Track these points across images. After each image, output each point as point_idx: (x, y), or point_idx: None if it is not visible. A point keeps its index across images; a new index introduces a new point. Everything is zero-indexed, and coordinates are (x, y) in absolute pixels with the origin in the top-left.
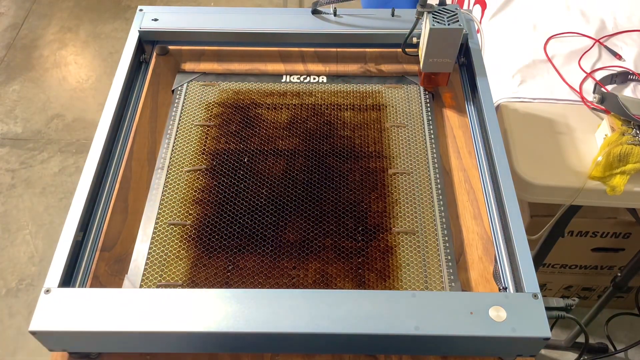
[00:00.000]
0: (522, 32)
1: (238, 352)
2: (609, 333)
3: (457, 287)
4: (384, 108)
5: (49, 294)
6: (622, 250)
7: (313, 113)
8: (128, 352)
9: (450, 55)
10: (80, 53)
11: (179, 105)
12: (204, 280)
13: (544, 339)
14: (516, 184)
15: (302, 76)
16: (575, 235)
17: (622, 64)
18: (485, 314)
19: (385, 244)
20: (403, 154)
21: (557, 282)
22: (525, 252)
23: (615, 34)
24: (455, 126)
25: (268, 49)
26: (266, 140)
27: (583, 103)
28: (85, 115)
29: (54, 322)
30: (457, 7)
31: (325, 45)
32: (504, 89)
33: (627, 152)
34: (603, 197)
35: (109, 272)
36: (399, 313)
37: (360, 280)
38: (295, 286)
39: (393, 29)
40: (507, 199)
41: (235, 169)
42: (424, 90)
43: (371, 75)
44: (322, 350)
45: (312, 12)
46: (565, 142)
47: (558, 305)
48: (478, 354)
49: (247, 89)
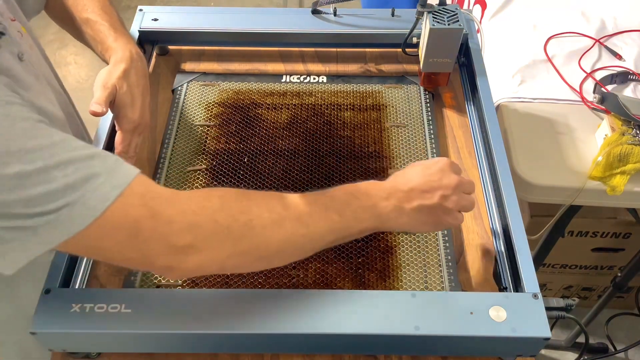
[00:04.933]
0: (522, 32)
1: (238, 352)
2: (609, 333)
3: (457, 287)
4: (384, 108)
5: (49, 294)
6: (622, 250)
7: (313, 113)
8: (128, 352)
9: (450, 55)
10: (80, 53)
11: (179, 105)
12: (204, 280)
13: (544, 339)
14: (516, 184)
15: (302, 76)
16: (575, 235)
17: (622, 64)
18: (486, 314)
19: (385, 244)
20: (403, 154)
21: (557, 282)
22: (525, 252)
23: (615, 34)
24: (455, 126)
25: (268, 49)
26: (266, 140)
27: (583, 103)
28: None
29: (54, 323)
30: (457, 7)
31: (325, 45)
32: (504, 89)
33: (627, 152)
34: (603, 197)
35: (109, 272)
36: (399, 313)
37: (360, 280)
38: (295, 286)
39: (393, 29)
40: (507, 199)
41: (235, 169)
42: (424, 90)
43: (371, 75)
44: (322, 350)
45: (312, 12)
46: (565, 142)
47: (558, 305)
48: (478, 354)
49: (247, 89)
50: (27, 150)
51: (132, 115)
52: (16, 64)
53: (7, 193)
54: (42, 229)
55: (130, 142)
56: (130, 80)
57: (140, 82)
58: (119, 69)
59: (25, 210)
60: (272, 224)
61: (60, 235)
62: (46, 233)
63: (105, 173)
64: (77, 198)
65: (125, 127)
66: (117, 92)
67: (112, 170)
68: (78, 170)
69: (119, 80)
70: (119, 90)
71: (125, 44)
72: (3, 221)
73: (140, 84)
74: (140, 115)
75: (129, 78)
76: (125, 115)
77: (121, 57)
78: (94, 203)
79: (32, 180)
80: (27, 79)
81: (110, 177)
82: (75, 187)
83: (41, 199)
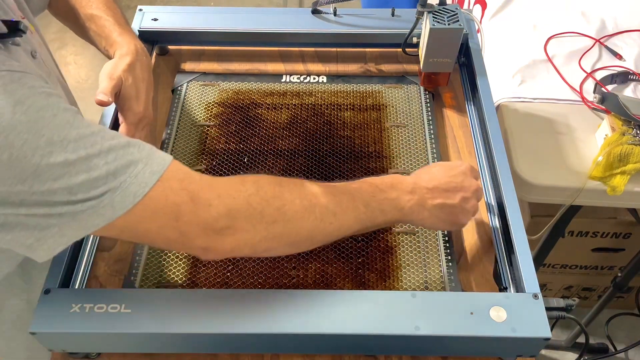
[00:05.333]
0: (523, 32)
1: (238, 352)
2: (609, 333)
3: (457, 287)
4: (384, 108)
5: (48, 294)
6: (622, 251)
7: (313, 113)
8: (128, 352)
9: (451, 55)
10: (80, 53)
11: (179, 105)
12: (204, 280)
13: (545, 339)
14: (516, 184)
15: (302, 76)
16: (575, 235)
17: (622, 64)
18: (486, 314)
19: (386, 244)
20: (403, 154)
21: (558, 283)
22: (525, 252)
23: (615, 33)
24: (455, 126)
25: (268, 49)
26: (266, 140)
27: (583, 103)
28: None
29: (54, 323)
30: (457, 7)
31: (325, 45)
32: (504, 89)
33: (627, 152)
34: (603, 197)
35: (109, 272)
36: (399, 313)
37: (360, 281)
38: (295, 286)
39: (393, 28)
40: (507, 199)
41: (235, 169)
42: (424, 90)
43: (371, 75)
44: (322, 350)
45: (312, 12)
46: (566, 142)
47: (558, 306)
48: (478, 354)
49: (247, 89)
50: (70, 140)
51: (137, 107)
52: (31, 62)
53: (52, 182)
54: (83, 214)
55: (134, 135)
56: (136, 73)
57: (145, 76)
58: (124, 62)
59: (69, 198)
60: (303, 211)
61: (102, 220)
62: (87, 218)
63: (143, 159)
64: (119, 184)
65: (130, 120)
66: (123, 84)
67: (149, 156)
68: (118, 157)
69: (125, 72)
70: (124, 83)
71: (130, 39)
72: (45, 209)
73: (145, 78)
74: (144, 108)
75: (135, 71)
76: (130, 107)
77: (127, 51)
78: (135, 189)
79: (77, 169)
80: (41, 76)
81: (149, 164)
82: (117, 173)
83: (84, 186)
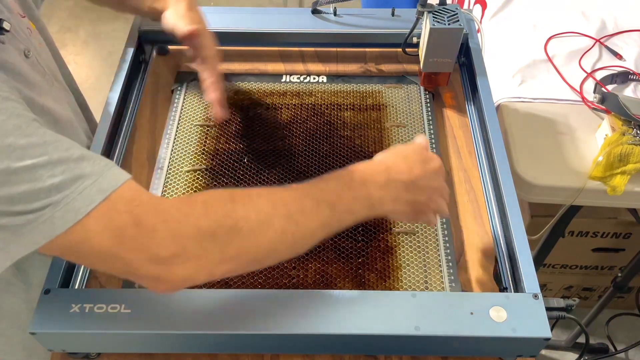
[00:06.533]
0: (523, 32)
1: (238, 352)
2: (610, 333)
3: (457, 288)
4: (384, 108)
5: (48, 294)
6: (622, 251)
7: (313, 113)
8: (128, 352)
9: (451, 55)
10: (80, 53)
11: (179, 105)
12: None
13: (545, 339)
14: (516, 184)
15: (302, 76)
16: (575, 235)
17: (622, 64)
18: (486, 314)
19: (386, 244)
20: None
21: (558, 283)
22: (525, 252)
23: (615, 33)
24: (455, 126)
25: (268, 49)
26: (266, 140)
27: (583, 103)
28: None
29: (53, 323)
30: (457, 7)
31: (325, 45)
32: (504, 89)
33: (627, 152)
34: (603, 197)
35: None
36: (399, 313)
37: (360, 281)
38: (295, 286)
39: (393, 28)
40: (508, 199)
41: (235, 169)
42: (424, 90)
43: (371, 75)
44: (322, 351)
45: (312, 12)
46: (566, 142)
47: (558, 306)
48: (478, 354)
49: (247, 89)
50: (17, 147)
51: (211, 42)
52: (22, 61)
53: None
54: (23, 228)
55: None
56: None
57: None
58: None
59: (8, 208)
60: (259, 226)
61: (41, 237)
62: (27, 234)
63: (93, 176)
64: (61, 199)
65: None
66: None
67: (101, 173)
68: (66, 171)
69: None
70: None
71: None
72: None
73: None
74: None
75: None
76: (206, 43)
77: None
78: (78, 205)
79: (18, 178)
80: (32, 76)
81: (98, 180)
82: (61, 188)
83: (25, 197)
